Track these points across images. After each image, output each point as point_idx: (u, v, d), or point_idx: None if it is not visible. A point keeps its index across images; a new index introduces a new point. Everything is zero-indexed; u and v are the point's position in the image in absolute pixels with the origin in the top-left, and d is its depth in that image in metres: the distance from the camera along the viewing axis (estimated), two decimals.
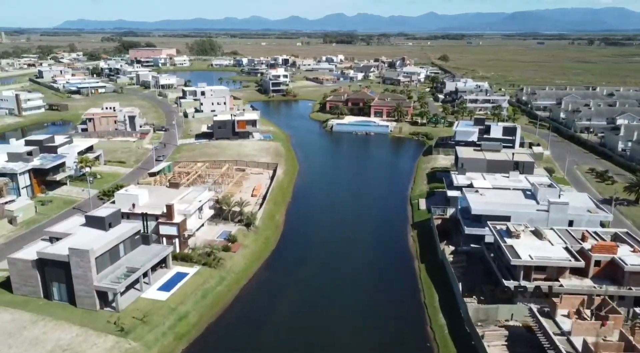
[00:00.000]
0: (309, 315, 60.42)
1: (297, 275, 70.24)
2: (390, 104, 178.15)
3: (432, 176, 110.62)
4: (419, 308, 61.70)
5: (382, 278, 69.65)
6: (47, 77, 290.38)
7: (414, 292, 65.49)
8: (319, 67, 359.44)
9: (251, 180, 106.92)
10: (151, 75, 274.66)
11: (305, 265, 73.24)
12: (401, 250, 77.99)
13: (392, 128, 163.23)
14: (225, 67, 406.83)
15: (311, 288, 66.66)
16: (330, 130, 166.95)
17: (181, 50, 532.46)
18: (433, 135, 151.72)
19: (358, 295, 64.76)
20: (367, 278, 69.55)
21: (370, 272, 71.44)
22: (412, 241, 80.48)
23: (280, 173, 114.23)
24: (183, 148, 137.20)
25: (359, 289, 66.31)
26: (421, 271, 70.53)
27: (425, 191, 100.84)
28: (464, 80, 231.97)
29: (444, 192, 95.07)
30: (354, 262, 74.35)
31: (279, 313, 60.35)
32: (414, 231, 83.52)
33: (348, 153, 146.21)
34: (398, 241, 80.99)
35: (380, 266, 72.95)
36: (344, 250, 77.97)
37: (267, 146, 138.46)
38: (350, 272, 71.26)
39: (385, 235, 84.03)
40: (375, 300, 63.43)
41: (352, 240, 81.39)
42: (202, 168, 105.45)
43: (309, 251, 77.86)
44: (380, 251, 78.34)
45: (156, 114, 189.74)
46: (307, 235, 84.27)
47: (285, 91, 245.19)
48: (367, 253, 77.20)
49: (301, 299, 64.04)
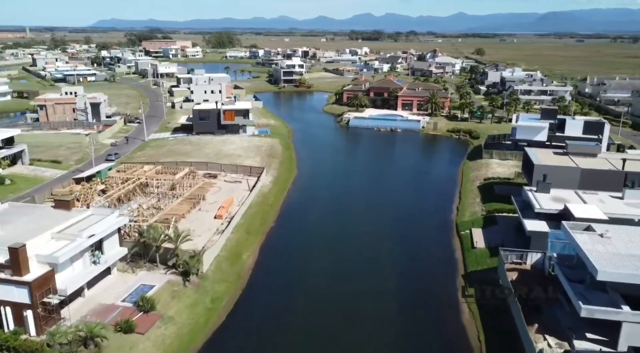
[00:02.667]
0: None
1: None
2: (421, 95, 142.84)
3: (486, 190, 75.47)
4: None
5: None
6: (41, 66, 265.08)
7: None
8: (341, 59, 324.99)
9: (221, 192, 73.68)
10: (149, 63, 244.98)
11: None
12: (448, 338, 43.20)
13: (425, 124, 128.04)
14: (240, 59, 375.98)
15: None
16: (346, 125, 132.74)
17: (198, 43, 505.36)
18: (479, 133, 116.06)
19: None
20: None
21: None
22: (467, 315, 45.53)
23: (267, 181, 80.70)
24: (150, 145, 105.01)
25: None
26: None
27: (479, 216, 65.73)
28: (510, 69, 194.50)
29: (513, 219, 60.09)
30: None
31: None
32: (469, 290, 48.29)
33: (366, 155, 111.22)
34: (442, 317, 46.09)
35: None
36: (348, 336, 43.62)
37: (260, 143, 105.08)
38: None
39: (419, 301, 48.54)
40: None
41: (362, 312, 46.77)
42: (149, 173, 72.54)
43: (287, 329, 43.88)
44: (411, 340, 43.63)
45: (139, 104, 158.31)
46: (288, 292, 50.17)
47: (298, 81, 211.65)
48: (388, 344, 42.69)
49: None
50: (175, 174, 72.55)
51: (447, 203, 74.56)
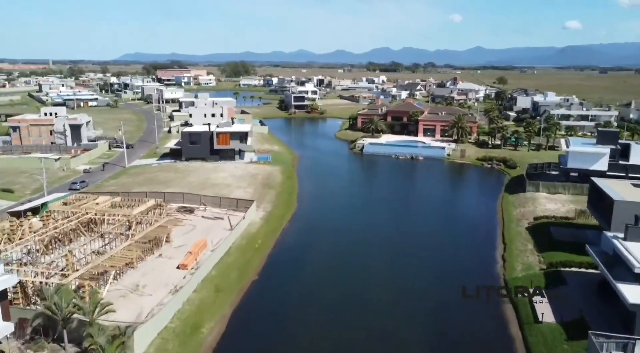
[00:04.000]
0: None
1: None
2: (445, 119, 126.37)
3: (539, 233, 57.78)
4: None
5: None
6: (45, 91, 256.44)
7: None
8: (357, 87, 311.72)
9: (196, 231, 57.37)
10: (155, 88, 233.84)
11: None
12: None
13: (451, 151, 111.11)
14: (254, 87, 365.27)
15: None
16: (360, 152, 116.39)
17: (215, 73, 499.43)
18: (516, 161, 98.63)
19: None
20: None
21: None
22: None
23: (257, 217, 64.24)
24: (128, 172, 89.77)
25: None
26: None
27: (538, 271, 47.96)
28: (540, 94, 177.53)
29: (590, 277, 42.63)
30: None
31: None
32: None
33: (382, 187, 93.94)
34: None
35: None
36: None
37: (257, 171, 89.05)
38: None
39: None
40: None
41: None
42: (101, 206, 56.51)
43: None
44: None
45: (134, 128, 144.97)
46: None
47: (309, 107, 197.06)
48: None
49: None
50: (136, 207, 56.36)
51: (488, 249, 56.94)
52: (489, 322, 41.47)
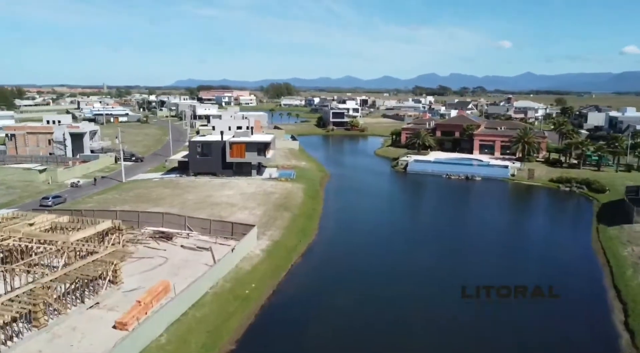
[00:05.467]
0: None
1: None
2: (507, 134, 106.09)
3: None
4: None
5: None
6: (81, 108, 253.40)
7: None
8: (402, 106, 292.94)
9: (164, 267, 40.43)
10: (188, 105, 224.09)
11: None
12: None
13: (516, 171, 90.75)
14: (295, 107, 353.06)
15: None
16: (404, 170, 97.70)
17: (257, 95, 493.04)
18: (603, 184, 77.31)
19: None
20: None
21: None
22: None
23: (258, 249, 46.77)
24: (122, 187, 74.61)
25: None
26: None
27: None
28: (616, 111, 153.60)
29: None
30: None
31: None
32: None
33: (430, 213, 73.94)
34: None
35: None
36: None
37: (273, 189, 71.90)
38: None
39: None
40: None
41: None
42: (28, 230, 40.43)
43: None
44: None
45: (153, 142, 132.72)
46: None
47: (349, 124, 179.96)
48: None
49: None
50: (77, 230, 39.97)
51: (598, 312, 37.07)
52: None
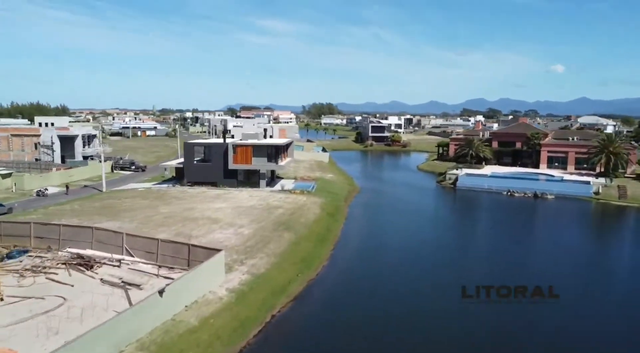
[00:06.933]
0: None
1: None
2: (583, 144, 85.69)
3: None
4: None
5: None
6: (111, 122, 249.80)
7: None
8: (449, 124, 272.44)
9: (48, 319, 23.80)
10: (220, 120, 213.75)
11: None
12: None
13: (600, 187, 70.29)
14: (336, 126, 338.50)
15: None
16: (453, 186, 78.88)
17: (300, 116, 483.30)
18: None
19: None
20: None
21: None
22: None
23: (223, 288, 29.48)
24: (97, 197, 59.87)
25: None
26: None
27: None
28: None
29: None
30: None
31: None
32: None
33: (489, 243, 54.36)
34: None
35: None
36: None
37: (280, 203, 55.00)
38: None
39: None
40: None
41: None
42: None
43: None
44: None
45: (168, 153, 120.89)
46: None
47: (390, 139, 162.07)
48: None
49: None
50: None
51: None
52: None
